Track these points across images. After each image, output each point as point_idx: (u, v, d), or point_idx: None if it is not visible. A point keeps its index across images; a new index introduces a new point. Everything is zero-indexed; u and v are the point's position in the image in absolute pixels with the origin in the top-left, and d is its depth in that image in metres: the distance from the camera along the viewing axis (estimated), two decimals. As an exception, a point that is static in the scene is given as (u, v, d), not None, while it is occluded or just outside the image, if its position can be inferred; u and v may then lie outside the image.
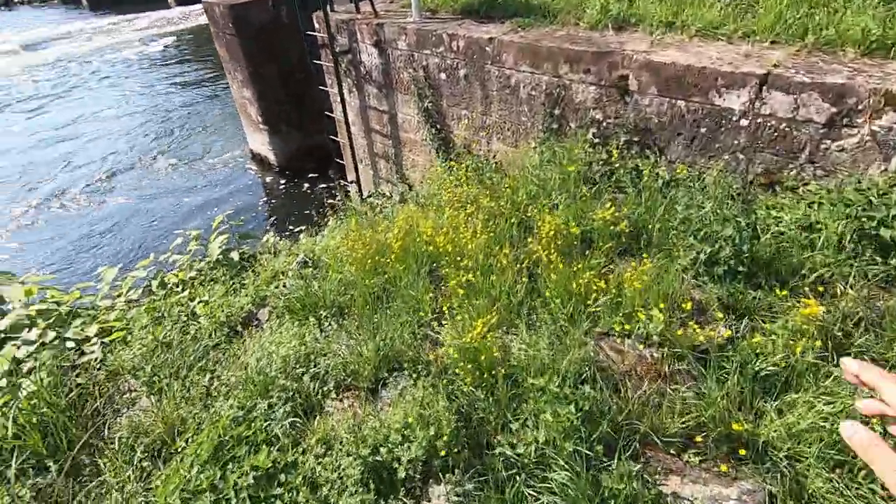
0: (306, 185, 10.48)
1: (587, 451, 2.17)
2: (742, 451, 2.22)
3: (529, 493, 2.17)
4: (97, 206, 10.14)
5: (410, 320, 3.44)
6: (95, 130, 14.04)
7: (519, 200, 4.28)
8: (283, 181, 10.70)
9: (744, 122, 3.69)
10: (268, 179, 10.84)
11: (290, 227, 9.07)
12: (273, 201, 10.09)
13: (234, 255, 5.18)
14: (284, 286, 4.22)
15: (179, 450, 2.66)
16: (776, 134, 3.58)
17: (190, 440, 2.67)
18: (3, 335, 3.80)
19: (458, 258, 3.65)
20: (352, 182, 8.51)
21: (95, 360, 3.62)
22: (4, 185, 11.30)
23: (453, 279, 3.49)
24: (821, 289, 2.86)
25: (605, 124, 4.48)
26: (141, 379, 3.31)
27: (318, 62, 7.39)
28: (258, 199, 10.18)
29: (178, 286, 5.27)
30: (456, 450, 2.31)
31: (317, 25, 7.20)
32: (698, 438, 2.25)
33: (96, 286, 5.75)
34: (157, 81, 18.22)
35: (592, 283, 3.25)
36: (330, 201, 9.60)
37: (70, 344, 3.77)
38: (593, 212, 3.88)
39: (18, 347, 3.59)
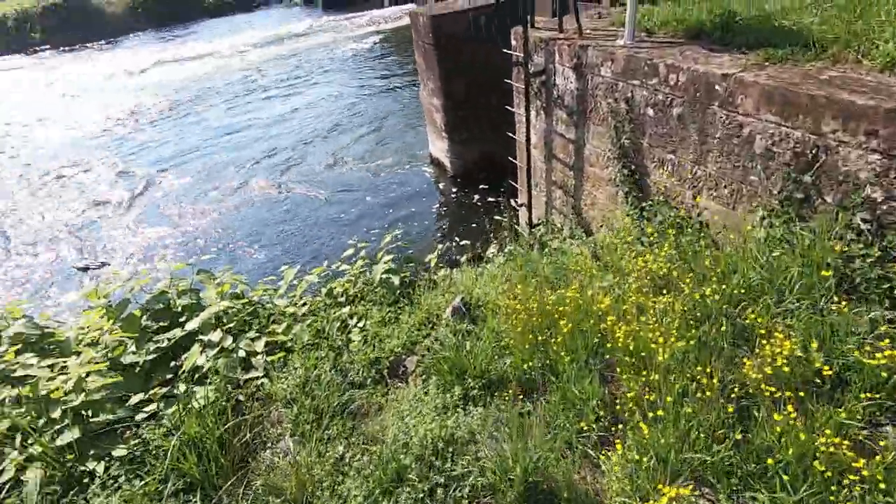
0: (477, 196, 10.37)
1: None
2: None
3: None
4: (286, 195, 11.41)
5: (570, 427, 2.86)
6: (303, 121, 16.00)
7: (732, 291, 3.33)
8: (455, 189, 10.76)
9: None
10: (441, 185, 11.02)
11: (457, 239, 8.99)
12: (444, 209, 10.20)
13: (395, 280, 5.13)
14: (436, 339, 3.95)
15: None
16: None
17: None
18: (196, 329, 4.24)
19: (642, 366, 2.92)
20: (522, 205, 8.06)
21: (258, 379, 3.80)
22: (218, 168, 13.47)
23: (632, 394, 2.80)
24: None
25: (885, 209, 3.23)
26: (287, 417, 3.34)
27: (508, 81, 7.03)
28: (430, 205, 10.41)
29: (342, 296, 5.46)
30: None
31: (514, 42, 6.82)
32: None
33: (278, 281, 6.32)
34: (361, 78, 20.07)
35: (843, 456, 2.28)
36: (497, 217, 9.33)
37: (242, 353, 4.03)
38: (851, 337, 2.78)
39: (203, 350, 3.94)
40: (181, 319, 4.28)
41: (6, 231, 11.50)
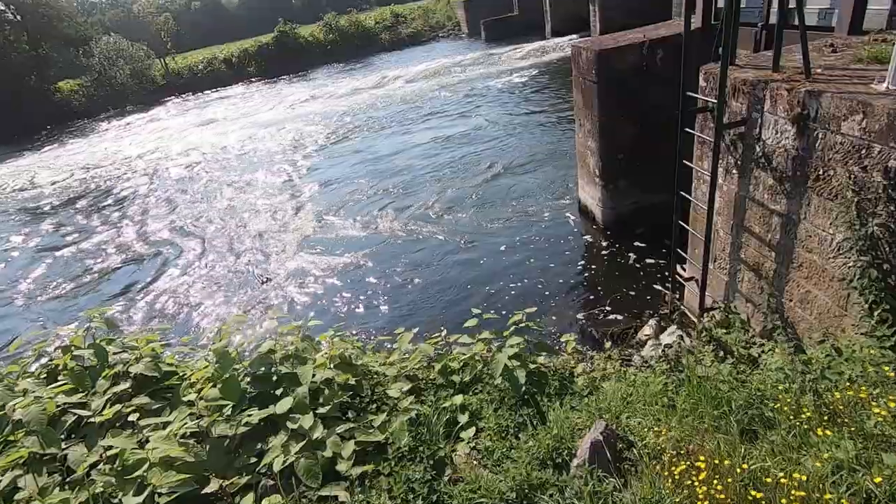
0: (632, 255, 8.87)
1: None
2: None
3: None
4: (417, 236, 10.89)
5: None
6: (446, 154, 15.93)
7: None
8: (605, 244, 9.39)
9: None
10: (589, 238, 9.73)
11: (606, 308, 7.58)
12: (592, 267, 8.86)
13: (521, 376, 4.15)
14: (564, 496, 2.88)
15: None
16: None
17: None
18: (289, 410, 3.78)
19: None
20: (691, 279, 6.48)
21: (336, 499, 3.14)
22: (361, 197, 13.71)
23: None
24: None
25: None
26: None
27: (689, 130, 5.67)
28: (573, 260, 9.17)
29: (457, 373, 4.68)
30: None
31: (702, 83, 5.48)
32: None
33: (390, 344, 5.78)
34: (511, 113, 19.60)
35: None
36: (658, 288, 7.74)
37: (329, 452, 3.43)
38: None
39: (287, 441, 3.43)
40: (278, 392, 3.86)
41: (208, 237, 13.14)
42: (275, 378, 4.02)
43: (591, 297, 7.91)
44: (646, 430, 3.36)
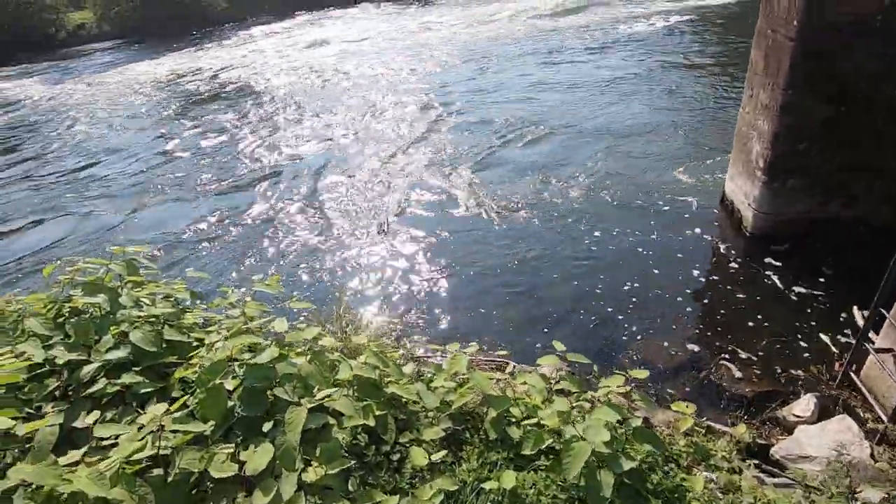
0: (778, 279, 6.68)
1: None
2: None
3: None
4: (511, 219, 8.88)
5: None
6: (559, 108, 13.71)
7: None
8: (748, 257, 7.16)
9: None
10: (726, 246, 7.51)
11: (740, 356, 5.44)
12: (727, 289, 6.35)
13: (607, 482, 2.75)
14: None
15: None
16: None
17: None
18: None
19: None
20: (887, 351, 4.45)
21: None
22: (460, 148, 12.11)
23: None
24: None
25: None
26: None
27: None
28: (702, 277, 6.84)
29: (513, 428, 3.43)
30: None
31: None
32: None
33: (442, 356, 4.61)
34: (646, 68, 16.44)
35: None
36: (827, 342, 5.43)
37: None
38: None
39: None
40: (267, 426, 2.83)
41: (321, 164, 12.30)
42: (272, 400, 3.02)
43: (720, 335, 5.94)
44: None
